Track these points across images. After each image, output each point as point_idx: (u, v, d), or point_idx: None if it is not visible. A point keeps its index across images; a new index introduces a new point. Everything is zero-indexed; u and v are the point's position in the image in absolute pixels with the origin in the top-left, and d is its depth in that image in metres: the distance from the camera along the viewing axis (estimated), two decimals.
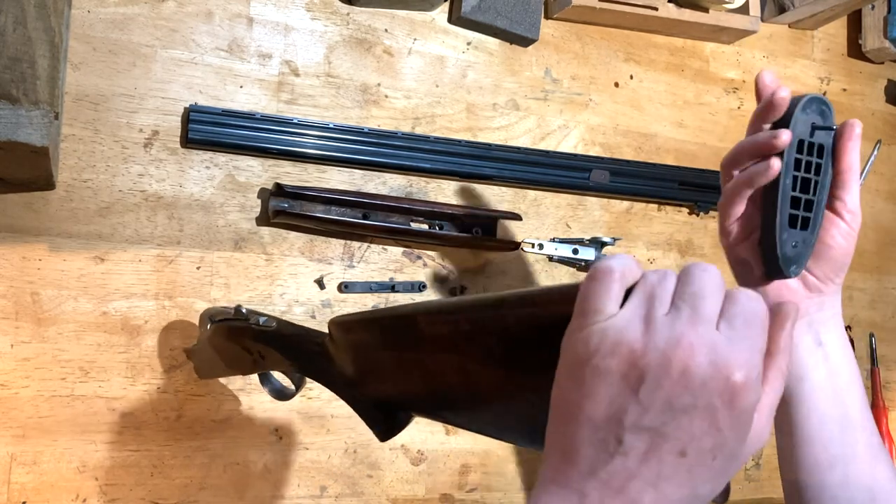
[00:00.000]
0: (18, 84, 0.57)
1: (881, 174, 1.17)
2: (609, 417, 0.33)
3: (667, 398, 0.32)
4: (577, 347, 0.34)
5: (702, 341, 0.32)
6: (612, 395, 0.33)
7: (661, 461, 0.32)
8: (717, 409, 0.32)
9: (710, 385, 0.32)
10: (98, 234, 0.75)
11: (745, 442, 0.34)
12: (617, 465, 0.33)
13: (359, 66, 0.87)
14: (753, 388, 0.33)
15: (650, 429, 0.32)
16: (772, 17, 1.10)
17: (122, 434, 0.75)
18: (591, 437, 0.33)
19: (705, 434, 0.32)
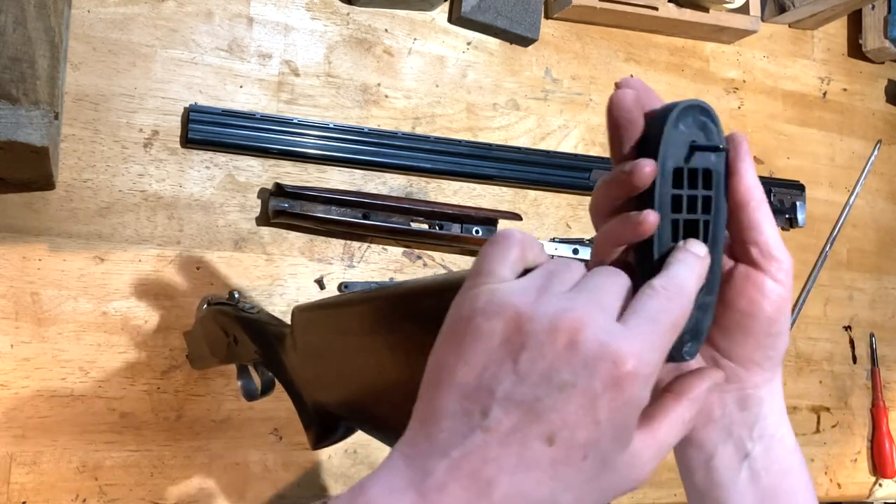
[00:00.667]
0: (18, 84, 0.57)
1: (881, 174, 1.17)
2: (480, 385, 0.29)
3: (546, 370, 0.28)
4: (463, 306, 0.31)
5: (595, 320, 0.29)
6: (489, 360, 0.29)
7: (524, 445, 0.28)
8: (597, 395, 0.28)
9: (595, 365, 0.28)
10: (98, 234, 0.75)
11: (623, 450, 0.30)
12: (475, 441, 0.28)
13: (359, 65, 0.87)
14: (641, 384, 0.29)
15: (522, 403, 0.28)
16: (772, 16, 1.10)
17: (121, 434, 0.75)
18: (455, 406, 0.29)
19: (580, 422, 0.28)
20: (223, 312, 0.63)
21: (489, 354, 0.30)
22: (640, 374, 0.29)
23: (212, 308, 0.65)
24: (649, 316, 0.30)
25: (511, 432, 0.28)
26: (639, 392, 0.29)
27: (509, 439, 0.28)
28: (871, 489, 1.10)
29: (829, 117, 1.14)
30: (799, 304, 1.08)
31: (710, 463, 0.40)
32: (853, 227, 1.14)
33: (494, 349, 0.30)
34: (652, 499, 0.97)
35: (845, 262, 1.13)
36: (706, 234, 0.37)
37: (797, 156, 1.11)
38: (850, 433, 1.10)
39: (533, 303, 0.30)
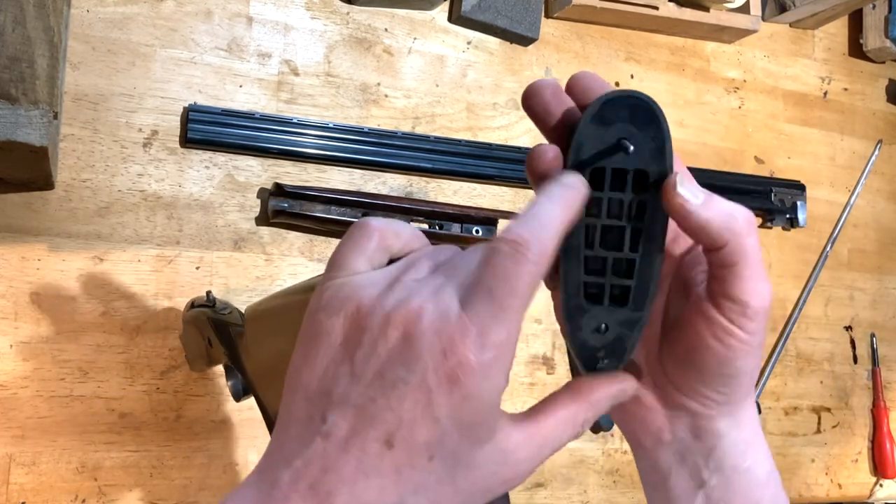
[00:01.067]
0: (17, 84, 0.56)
1: (882, 174, 1.17)
2: (321, 388, 0.27)
3: (380, 367, 0.26)
4: (311, 303, 0.29)
5: (435, 307, 0.26)
6: (330, 360, 0.27)
7: (363, 451, 0.26)
8: (431, 391, 0.26)
9: (428, 358, 0.26)
10: (97, 234, 0.75)
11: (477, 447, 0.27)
12: (316, 449, 0.26)
13: (358, 65, 0.86)
14: (481, 375, 0.26)
15: (357, 405, 0.26)
16: (773, 16, 1.10)
17: (121, 434, 0.75)
18: (301, 411, 0.28)
19: (417, 421, 0.26)
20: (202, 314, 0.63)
21: (330, 354, 0.28)
22: (478, 362, 0.26)
23: (193, 311, 0.65)
24: (486, 288, 0.27)
25: (349, 437, 0.26)
26: (480, 382, 0.26)
27: (348, 445, 0.26)
28: (871, 489, 1.10)
29: (830, 117, 1.14)
30: (800, 304, 1.08)
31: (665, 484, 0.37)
32: (854, 227, 1.14)
33: (335, 348, 0.28)
34: None
35: (846, 262, 1.12)
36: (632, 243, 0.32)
37: (798, 155, 1.11)
38: (851, 433, 1.10)
39: (377, 295, 0.28)
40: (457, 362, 0.26)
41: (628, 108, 0.32)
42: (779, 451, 1.05)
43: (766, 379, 1.05)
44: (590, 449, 0.94)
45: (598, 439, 0.94)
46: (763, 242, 1.07)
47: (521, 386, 0.89)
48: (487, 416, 0.27)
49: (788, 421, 1.07)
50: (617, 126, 0.32)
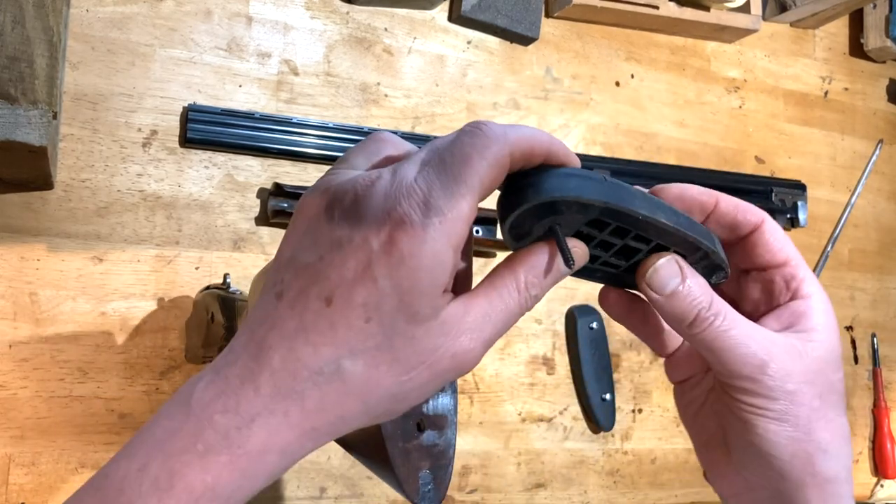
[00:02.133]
0: (17, 83, 0.56)
1: (882, 174, 1.17)
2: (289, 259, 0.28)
3: (330, 231, 0.27)
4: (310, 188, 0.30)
5: (390, 175, 0.27)
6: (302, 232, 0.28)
7: (305, 307, 0.27)
8: (372, 251, 0.26)
9: (370, 217, 0.26)
10: (96, 234, 0.75)
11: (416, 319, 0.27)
12: (268, 310, 0.28)
13: (358, 65, 0.86)
14: (419, 239, 0.26)
15: (306, 264, 0.27)
16: (773, 15, 1.10)
17: (120, 435, 0.74)
18: (269, 280, 0.29)
19: (357, 281, 0.26)
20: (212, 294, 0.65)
21: (303, 227, 0.29)
22: (419, 224, 0.26)
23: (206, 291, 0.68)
24: (441, 160, 0.27)
25: (296, 296, 0.27)
26: (417, 247, 0.26)
27: (294, 303, 0.27)
28: (872, 490, 1.10)
29: (831, 117, 1.14)
30: None
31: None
32: (854, 227, 1.13)
33: (307, 222, 0.28)
34: (653, 499, 0.97)
35: (847, 262, 1.12)
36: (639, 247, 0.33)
37: (798, 155, 1.11)
38: (852, 433, 1.09)
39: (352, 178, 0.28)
40: (398, 221, 0.26)
41: None
42: None
43: None
44: (590, 449, 0.94)
45: (598, 439, 0.94)
46: None
47: (522, 386, 0.89)
48: (428, 287, 0.27)
49: None
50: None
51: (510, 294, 0.29)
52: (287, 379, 0.26)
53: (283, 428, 0.26)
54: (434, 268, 0.26)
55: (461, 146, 0.27)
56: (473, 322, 0.28)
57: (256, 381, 0.26)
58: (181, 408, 0.27)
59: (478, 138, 0.27)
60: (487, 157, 0.27)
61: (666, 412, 0.99)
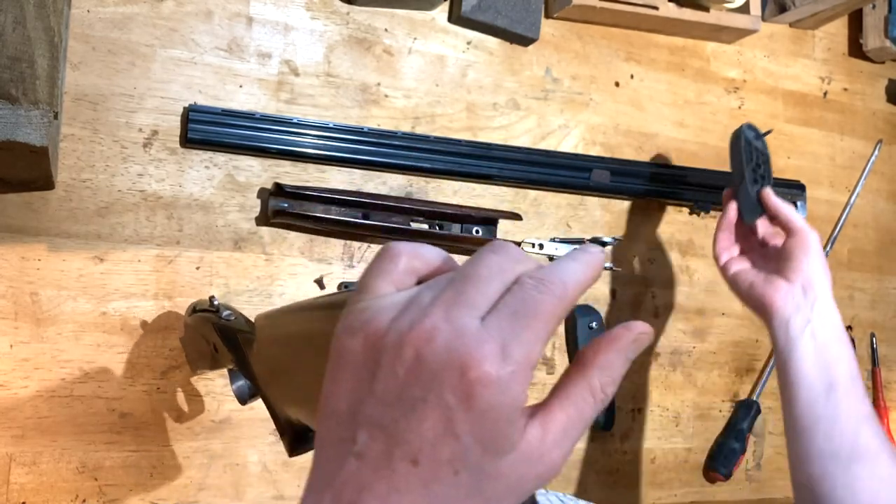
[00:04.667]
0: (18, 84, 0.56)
1: (882, 174, 1.17)
2: (349, 410, 0.28)
3: (399, 389, 0.27)
4: (337, 325, 0.30)
5: (447, 326, 0.27)
6: (354, 382, 0.28)
7: (393, 470, 0.27)
8: (450, 409, 0.26)
9: (442, 377, 0.26)
10: (97, 234, 0.75)
11: (501, 457, 0.27)
12: (350, 470, 0.28)
13: (358, 65, 0.86)
14: (500, 388, 0.26)
15: (383, 427, 0.27)
16: (772, 16, 1.10)
17: (121, 434, 0.75)
18: (333, 434, 0.29)
19: (440, 439, 0.27)
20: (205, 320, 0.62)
21: (354, 376, 0.28)
22: (494, 376, 0.26)
23: (196, 315, 0.65)
24: (511, 310, 0.28)
25: (379, 457, 0.27)
26: (498, 396, 0.26)
27: (379, 464, 0.27)
28: None
29: (830, 117, 1.14)
30: None
31: (788, 326, 0.72)
32: (854, 227, 1.14)
33: (358, 370, 0.28)
34: (652, 499, 0.97)
35: (846, 262, 1.13)
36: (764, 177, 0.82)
37: (798, 155, 1.11)
38: None
39: (393, 317, 0.28)
40: (475, 377, 0.26)
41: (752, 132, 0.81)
42: (779, 450, 1.05)
43: (766, 379, 1.05)
44: (590, 449, 0.94)
45: (598, 439, 0.95)
46: None
47: None
48: (507, 429, 0.27)
49: None
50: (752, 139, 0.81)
51: (585, 402, 0.29)
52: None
53: None
54: (513, 413, 0.27)
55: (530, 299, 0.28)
56: (553, 440, 0.29)
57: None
58: None
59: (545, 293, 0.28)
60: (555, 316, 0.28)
61: (665, 412, 0.99)
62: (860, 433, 0.65)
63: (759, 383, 1.05)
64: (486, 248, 0.30)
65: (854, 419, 0.66)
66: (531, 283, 0.28)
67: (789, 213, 0.78)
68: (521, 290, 0.28)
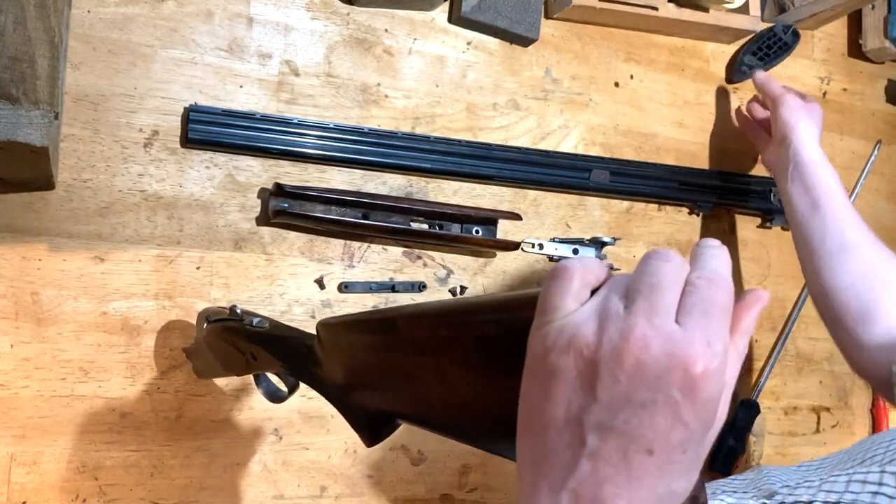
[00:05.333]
0: (18, 84, 0.57)
1: (881, 174, 1.17)
2: (570, 419, 0.32)
3: (624, 394, 0.31)
4: (536, 346, 0.33)
5: (656, 333, 0.31)
6: (570, 394, 0.32)
7: (628, 462, 0.31)
8: (678, 403, 0.31)
9: (668, 378, 0.30)
10: (98, 234, 0.75)
11: (711, 428, 0.32)
12: (585, 470, 0.31)
13: (359, 65, 0.87)
14: (715, 378, 0.31)
15: (612, 428, 0.31)
16: (772, 16, 1.10)
17: (121, 434, 0.75)
18: (555, 442, 0.32)
19: (670, 429, 0.31)
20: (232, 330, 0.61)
21: (568, 388, 0.32)
22: (710, 370, 0.30)
23: (216, 326, 0.64)
24: (701, 310, 0.32)
25: (613, 454, 0.31)
26: (716, 385, 0.31)
27: (614, 460, 0.31)
28: None
29: (829, 117, 1.14)
30: (799, 303, 1.08)
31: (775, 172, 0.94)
32: None
33: (571, 382, 0.32)
34: None
35: None
36: None
37: None
38: (851, 433, 1.10)
39: (596, 331, 0.32)
40: (697, 373, 0.30)
41: None
42: (778, 450, 1.05)
43: (765, 379, 1.05)
44: None
45: None
46: (763, 242, 1.08)
47: None
48: (718, 406, 0.32)
49: (788, 420, 1.07)
50: None
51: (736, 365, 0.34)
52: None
53: None
54: (721, 392, 0.32)
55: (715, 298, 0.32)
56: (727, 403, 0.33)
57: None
58: None
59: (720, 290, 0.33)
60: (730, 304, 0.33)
61: None
62: (845, 231, 0.85)
63: (758, 383, 1.05)
64: (655, 258, 0.33)
65: (839, 224, 0.85)
66: (704, 283, 0.33)
67: (766, 85, 0.97)
68: (699, 291, 0.32)
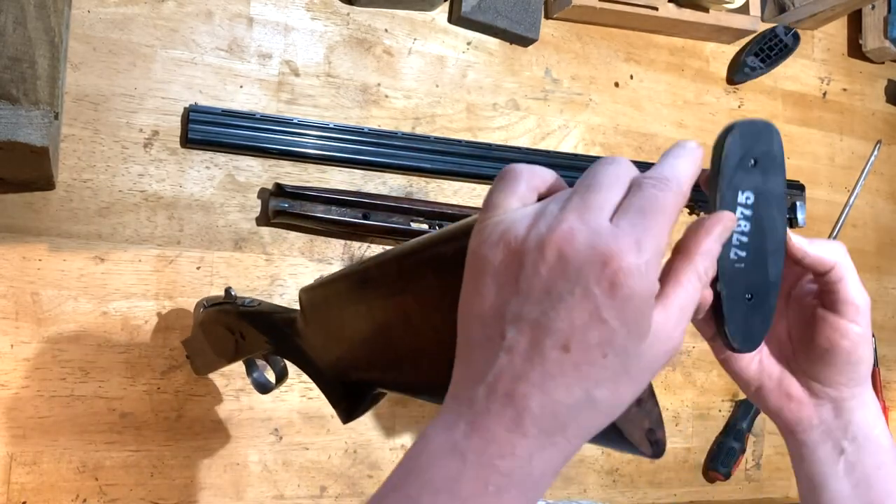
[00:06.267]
0: (18, 84, 0.57)
1: (881, 174, 1.17)
2: (495, 312, 0.31)
3: (544, 285, 0.30)
4: (473, 241, 0.33)
5: (583, 227, 0.30)
6: (497, 286, 0.31)
7: (544, 357, 0.30)
8: (596, 297, 0.29)
9: (587, 270, 0.29)
10: (98, 234, 0.75)
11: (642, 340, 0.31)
12: (502, 363, 0.31)
13: (359, 66, 0.87)
14: (640, 276, 0.29)
15: (531, 320, 0.30)
16: (772, 17, 1.10)
17: (122, 434, 0.75)
18: (480, 336, 0.32)
19: (588, 325, 0.30)
20: (224, 311, 0.63)
21: (495, 281, 0.31)
22: (634, 266, 0.29)
23: (211, 309, 0.65)
24: (637, 208, 0.31)
25: (530, 348, 0.30)
26: (639, 283, 0.30)
27: (530, 355, 0.30)
28: None
29: (829, 117, 1.14)
30: None
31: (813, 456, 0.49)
32: (853, 227, 1.14)
33: (499, 275, 0.31)
34: (652, 498, 0.97)
35: None
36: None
37: (797, 156, 1.11)
38: None
39: (529, 225, 0.31)
40: (617, 268, 0.29)
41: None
42: (779, 450, 1.05)
43: None
44: (590, 448, 0.94)
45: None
46: None
47: None
48: (646, 312, 0.30)
49: None
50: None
51: (693, 285, 0.33)
52: (549, 419, 0.30)
53: (554, 456, 0.31)
54: (650, 297, 0.30)
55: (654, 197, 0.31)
56: (675, 320, 0.32)
57: (523, 427, 0.30)
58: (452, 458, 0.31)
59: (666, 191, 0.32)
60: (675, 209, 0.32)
61: (665, 411, 0.99)
62: None
63: None
64: (601, 161, 0.33)
65: None
66: (650, 183, 0.32)
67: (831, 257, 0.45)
68: (642, 190, 0.31)
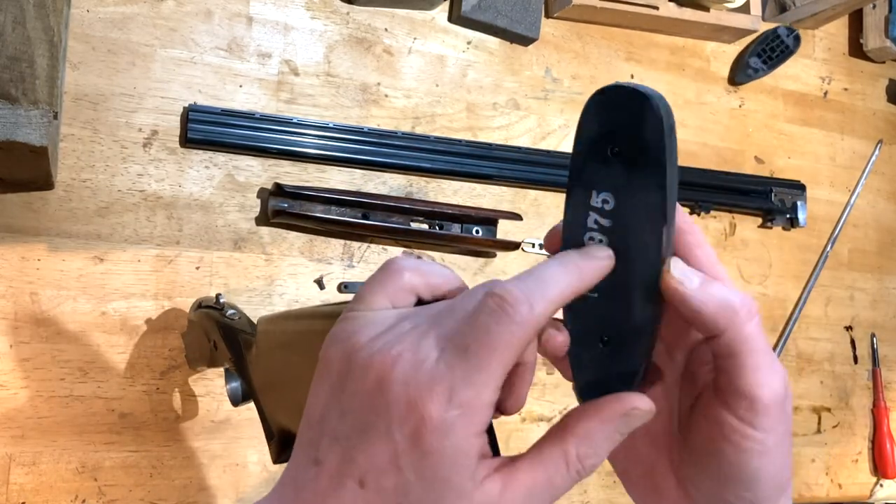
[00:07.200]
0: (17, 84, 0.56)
1: (882, 174, 1.17)
2: (319, 418, 0.28)
3: (360, 407, 0.27)
4: (331, 330, 0.30)
5: (412, 355, 0.26)
6: (329, 390, 0.28)
7: (342, 485, 0.27)
8: (396, 442, 0.26)
9: (394, 409, 0.26)
10: (97, 234, 0.75)
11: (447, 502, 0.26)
12: (310, 475, 0.28)
13: (358, 65, 0.86)
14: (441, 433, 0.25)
15: (341, 440, 0.27)
16: (773, 16, 1.10)
17: (121, 434, 0.75)
18: (304, 436, 0.29)
19: (385, 469, 0.26)
20: (208, 317, 0.62)
21: (329, 383, 0.28)
22: (438, 420, 0.25)
23: (200, 311, 0.65)
24: (459, 345, 0.26)
25: (335, 469, 0.27)
26: (438, 441, 0.25)
27: (333, 476, 0.27)
28: (872, 489, 1.10)
29: (830, 117, 1.14)
30: (800, 304, 1.08)
31: None
32: (854, 227, 1.14)
33: (332, 380, 0.28)
34: None
35: (846, 262, 1.12)
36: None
37: (798, 155, 1.11)
38: (851, 433, 1.10)
39: (372, 336, 0.28)
40: (420, 417, 0.25)
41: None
42: None
43: None
44: None
45: None
46: (764, 242, 1.07)
47: None
48: (453, 474, 0.26)
49: None
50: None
51: (557, 470, 0.27)
52: None
53: None
54: (457, 457, 0.26)
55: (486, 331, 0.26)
56: (512, 501, 0.27)
57: None
58: None
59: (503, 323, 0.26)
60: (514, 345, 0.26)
61: None
62: None
63: None
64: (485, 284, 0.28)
65: None
66: (490, 307, 0.26)
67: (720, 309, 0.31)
68: (477, 318, 0.26)
